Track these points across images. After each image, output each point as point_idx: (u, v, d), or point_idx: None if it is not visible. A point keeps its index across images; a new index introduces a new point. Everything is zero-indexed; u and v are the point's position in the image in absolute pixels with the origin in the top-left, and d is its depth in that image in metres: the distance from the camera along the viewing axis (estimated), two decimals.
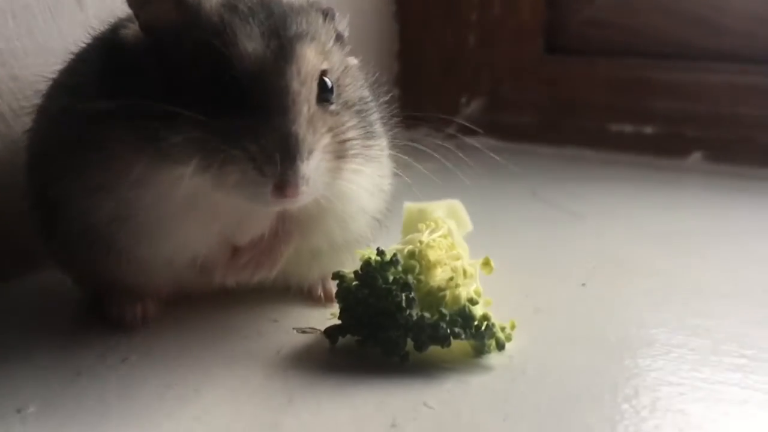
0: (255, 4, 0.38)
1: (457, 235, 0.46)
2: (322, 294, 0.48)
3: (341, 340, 0.42)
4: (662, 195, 0.76)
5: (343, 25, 0.43)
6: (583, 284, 0.52)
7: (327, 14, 0.41)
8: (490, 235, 0.58)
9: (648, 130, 0.86)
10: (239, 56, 0.36)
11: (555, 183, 0.80)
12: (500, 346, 0.40)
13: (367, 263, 0.40)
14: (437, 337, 0.39)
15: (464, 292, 0.40)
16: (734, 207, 0.72)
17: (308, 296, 0.48)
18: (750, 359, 0.41)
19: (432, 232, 0.44)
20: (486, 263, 0.45)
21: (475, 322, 0.39)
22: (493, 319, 0.40)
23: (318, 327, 0.44)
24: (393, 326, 0.39)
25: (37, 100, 0.47)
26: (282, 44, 0.37)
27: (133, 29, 0.39)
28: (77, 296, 0.47)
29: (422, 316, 0.39)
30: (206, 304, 0.45)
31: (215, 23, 0.37)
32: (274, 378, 0.39)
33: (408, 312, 0.39)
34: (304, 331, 0.44)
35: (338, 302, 0.41)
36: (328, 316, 0.45)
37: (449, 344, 0.39)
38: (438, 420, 0.35)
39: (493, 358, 0.40)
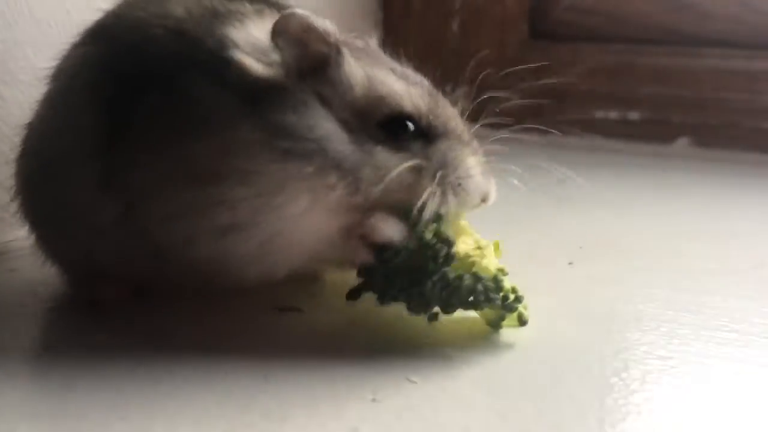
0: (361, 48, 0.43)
1: None
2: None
3: (321, 323, 0.40)
4: (649, 180, 0.76)
5: None
6: (570, 263, 0.51)
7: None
8: (476, 219, 0.57)
9: (634, 116, 0.85)
10: (408, 105, 0.40)
11: (540, 169, 0.79)
12: (523, 323, 0.39)
13: (407, 216, 0.38)
14: (469, 301, 0.37)
15: (492, 263, 0.39)
16: (721, 191, 0.72)
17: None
18: (741, 333, 0.40)
19: None
20: (496, 247, 0.43)
21: (503, 293, 0.38)
22: (521, 292, 0.38)
23: (298, 305, 0.42)
24: (426, 282, 0.37)
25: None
26: (415, 79, 0.42)
27: (270, 62, 0.38)
28: (46, 276, 0.45)
29: (460, 277, 0.37)
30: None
31: (359, 72, 0.40)
32: (250, 356, 0.37)
33: (445, 269, 0.37)
34: (284, 310, 0.42)
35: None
36: (307, 293, 0.44)
37: (483, 308, 0.37)
38: (420, 394, 0.34)
39: (478, 333, 0.39)
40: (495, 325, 0.39)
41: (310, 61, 0.39)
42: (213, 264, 0.38)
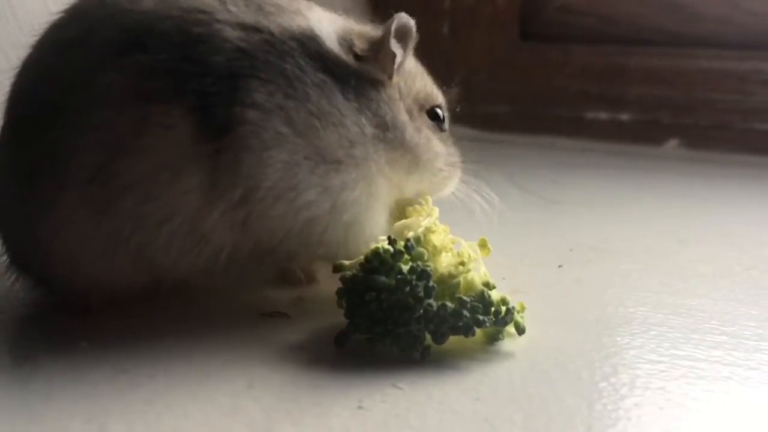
0: None
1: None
2: (302, 275, 0.46)
3: (307, 329, 0.40)
4: (639, 182, 0.76)
5: None
6: (560, 266, 0.50)
7: None
8: (466, 221, 0.57)
9: (624, 117, 0.85)
10: (442, 99, 0.48)
11: (531, 171, 0.79)
12: (521, 331, 0.38)
13: (376, 253, 0.37)
14: (459, 327, 0.36)
15: (477, 276, 0.38)
16: (710, 192, 0.72)
17: (281, 278, 0.46)
18: (731, 336, 0.40)
19: (427, 216, 0.41)
20: (483, 245, 0.42)
21: (494, 308, 0.37)
22: (511, 303, 0.37)
23: (284, 311, 0.42)
24: (411, 319, 0.36)
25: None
26: None
27: (353, 53, 0.42)
28: (26, 285, 0.44)
29: (443, 306, 0.36)
30: (161, 291, 0.43)
31: (416, 63, 0.47)
32: (234, 362, 0.36)
33: (427, 302, 0.36)
34: (270, 315, 0.42)
35: (342, 299, 0.38)
36: (294, 298, 0.44)
37: (473, 334, 0.36)
38: (407, 401, 0.33)
39: (465, 339, 0.38)
40: (494, 339, 0.38)
41: (402, 58, 0.43)
42: (315, 244, 0.41)
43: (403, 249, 0.37)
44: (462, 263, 0.38)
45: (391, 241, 0.38)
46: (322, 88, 0.40)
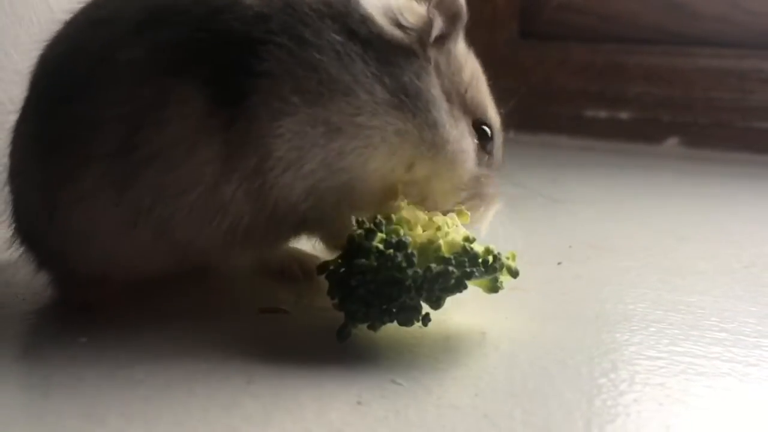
0: None
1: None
2: (299, 271, 0.46)
3: (306, 325, 0.40)
4: (638, 180, 0.76)
5: None
6: (559, 263, 0.50)
7: None
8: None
9: (623, 115, 0.85)
10: (497, 122, 0.45)
11: (531, 169, 0.79)
12: (514, 274, 0.38)
13: (350, 239, 0.37)
14: (451, 286, 0.36)
15: (456, 236, 0.37)
16: (710, 190, 0.72)
17: (280, 275, 0.46)
18: (730, 333, 0.40)
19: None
20: (460, 212, 0.42)
21: (480, 259, 0.37)
22: (497, 250, 0.37)
23: (283, 307, 0.42)
24: (401, 291, 0.36)
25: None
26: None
27: (399, 24, 0.40)
28: (26, 279, 0.44)
29: (428, 268, 0.36)
30: (161, 287, 0.43)
31: (468, 57, 0.44)
32: (234, 359, 0.36)
33: (412, 270, 0.36)
34: (269, 311, 0.42)
35: (335, 296, 0.37)
36: (293, 294, 0.44)
37: (465, 287, 0.36)
38: (406, 397, 0.33)
39: (464, 334, 0.39)
40: (493, 289, 0.38)
41: (443, 33, 0.41)
42: (314, 210, 0.40)
43: (373, 227, 0.37)
44: (438, 228, 0.38)
45: (360, 224, 0.37)
46: (339, 51, 0.38)
